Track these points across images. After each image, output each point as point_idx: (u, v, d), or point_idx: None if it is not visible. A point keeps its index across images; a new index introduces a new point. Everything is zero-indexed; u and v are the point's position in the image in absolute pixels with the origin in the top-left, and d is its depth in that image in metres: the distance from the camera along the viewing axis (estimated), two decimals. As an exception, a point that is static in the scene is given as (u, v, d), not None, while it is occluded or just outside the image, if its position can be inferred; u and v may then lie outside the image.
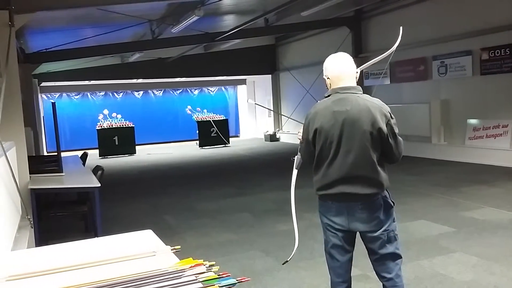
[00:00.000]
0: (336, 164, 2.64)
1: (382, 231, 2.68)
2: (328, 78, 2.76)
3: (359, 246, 2.84)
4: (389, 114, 2.63)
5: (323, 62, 2.81)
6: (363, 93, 2.72)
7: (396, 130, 2.65)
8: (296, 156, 3.02)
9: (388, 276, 2.73)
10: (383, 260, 2.73)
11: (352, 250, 2.82)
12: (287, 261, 3.24)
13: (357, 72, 2.77)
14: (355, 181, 2.62)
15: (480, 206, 6.30)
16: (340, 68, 2.72)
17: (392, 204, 2.73)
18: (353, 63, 2.76)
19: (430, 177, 8.76)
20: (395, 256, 2.74)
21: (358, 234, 2.79)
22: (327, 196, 2.71)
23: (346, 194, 2.64)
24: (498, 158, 9.53)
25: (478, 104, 10.40)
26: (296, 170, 3.07)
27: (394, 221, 2.74)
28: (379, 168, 2.63)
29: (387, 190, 2.71)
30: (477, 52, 10.23)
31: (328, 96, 2.73)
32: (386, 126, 2.59)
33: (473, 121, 10.47)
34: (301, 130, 2.86)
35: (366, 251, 2.81)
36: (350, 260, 2.83)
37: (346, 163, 2.62)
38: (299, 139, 2.89)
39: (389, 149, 2.65)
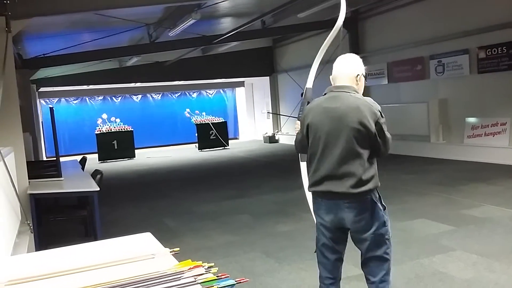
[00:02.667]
0: (325, 159, 2.68)
1: (369, 234, 2.67)
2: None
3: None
4: (379, 113, 2.66)
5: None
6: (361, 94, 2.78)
7: (385, 129, 2.68)
8: None
9: (372, 279, 2.74)
10: (368, 263, 2.75)
11: (342, 250, 2.84)
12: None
13: (358, 75, 2.78)
14: (341, 177, 2.63)
15: (479, 204, 6.31)
16: (338, 69, 2.82)
17: (382, 207, 2.70)
18: (355, 65, 2.80)
19: (429, 176, 8.76)
20: (381, 260, 2.71)
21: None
22: (317, 193, 2.76)
23: (332, 193, 2.66)
24: (496, 156, 9.53)
25: (476, 103, 10.41)
26: (305, 163, 3.10)
27: (385, 225, 2.70)
28: (366, 165, 2.64)
29: (377, 191, 2.70)
30: (474, 50, 10.25)
31: (325, 94, 2.82)
32: (376, 125, 2.63)
33: (471, 120, 10.48)
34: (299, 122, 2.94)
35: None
36: (340, 259, 2.85)
37: (333, 158, 2.65)
38: (297, 128, 2.95)
39: (377, 147, 2.69)
